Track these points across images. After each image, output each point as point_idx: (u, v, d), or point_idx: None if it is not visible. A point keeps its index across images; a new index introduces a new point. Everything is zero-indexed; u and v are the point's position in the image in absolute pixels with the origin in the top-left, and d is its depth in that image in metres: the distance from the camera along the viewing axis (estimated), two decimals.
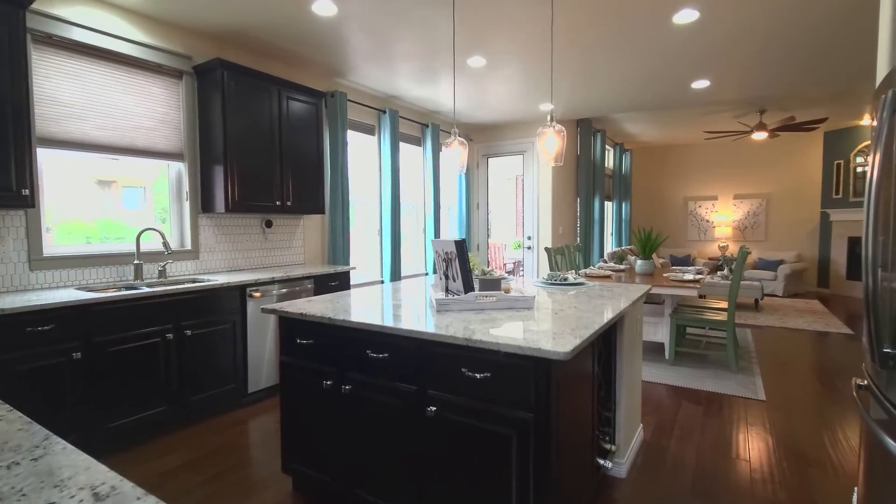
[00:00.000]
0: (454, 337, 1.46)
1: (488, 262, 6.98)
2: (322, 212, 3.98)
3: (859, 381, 1.72)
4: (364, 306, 1.98)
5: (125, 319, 2.47)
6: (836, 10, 3.09)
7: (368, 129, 4.96)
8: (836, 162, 7.84)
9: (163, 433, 2.69)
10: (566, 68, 4.20)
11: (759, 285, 6.43)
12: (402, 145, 5.39)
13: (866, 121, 7.25)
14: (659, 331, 4.03)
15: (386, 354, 1.66)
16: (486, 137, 6.62)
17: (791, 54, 3.89)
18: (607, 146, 8.09)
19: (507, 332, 1.48)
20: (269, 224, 3.83)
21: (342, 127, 4.34)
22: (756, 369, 3.73)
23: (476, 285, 2.10)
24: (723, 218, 8.94)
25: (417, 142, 5.66)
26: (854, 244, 7.65)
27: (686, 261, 8.78)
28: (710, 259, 8.80)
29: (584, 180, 6.80)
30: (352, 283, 4.65)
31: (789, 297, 7.61)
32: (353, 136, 4.79)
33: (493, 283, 2.02)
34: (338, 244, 4.34)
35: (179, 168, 3.33)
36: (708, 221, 9.13)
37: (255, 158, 3.40)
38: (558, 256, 4.44)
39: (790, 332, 5.11)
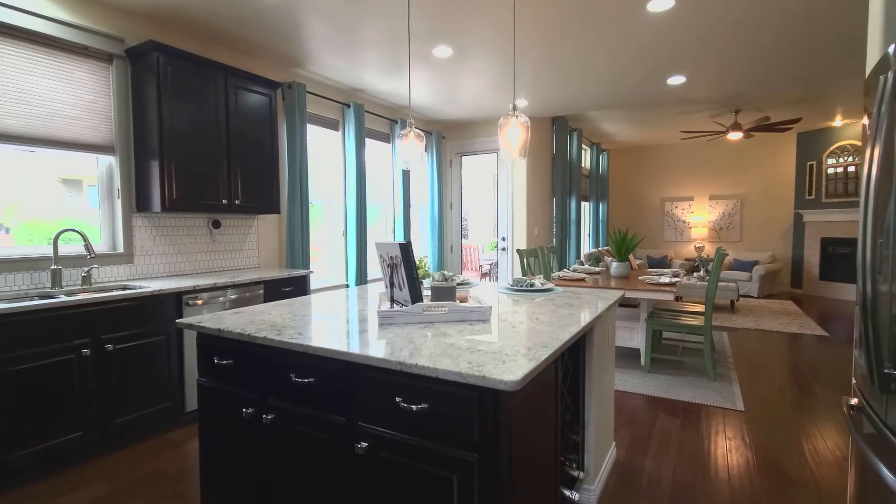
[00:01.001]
0: (386, 360, 1.22)
1: (462, 264, 6.76)
2: (276, 211, 3.68)
3: (851, 401, 1.54)
4: (302, 318, 1.71)
5: (28, 335, 2.14)
6: (811, 4, 2.96)
7: (332, 124, 4.67)
8: (808, 163, 7.88)
9: (79, 462, 2.37)
10: (537, 61, 4.00)
11: (735, 286, 6.37)
12: (369, 141, 5.12)
13: (838, 122, 7.30)
14: (634, 336, 3.86)
15: (311, 379, 1.40)
16: (458, 135, 6.40)
17: (766, 49, 3.77)
18: (584, 145, 7.96)
19: (452, 353, 1.24)
20: (216, 224, 3.51)
21: (301, 120, 4.05)
22: (733, 376, 3.59)
23: (429, 294, 1.85)
24: (699, 219, 8.92)
25: (386, 138, 5.40)
26: (826, 245, 7.69)
27: (663, 262, 8.73)
28: (686, 260, 8.77)
29: (560, 180, 6.64)
30: (314, 287, 4.36)
31: (764, 297, 7.60)
32: (315, 131, 4.51)
33: (446, 292, 1.78)
34: (296, 246, 4.05)
35: (110, 162, 3.00)
36: (684, 222, 9.11)
37: (197, 152, 3.09)
38: (531, 259, 4.24)
39: (766, 334, 5.03)
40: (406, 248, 1.63)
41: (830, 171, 7.57)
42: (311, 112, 4.39)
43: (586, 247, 8.51)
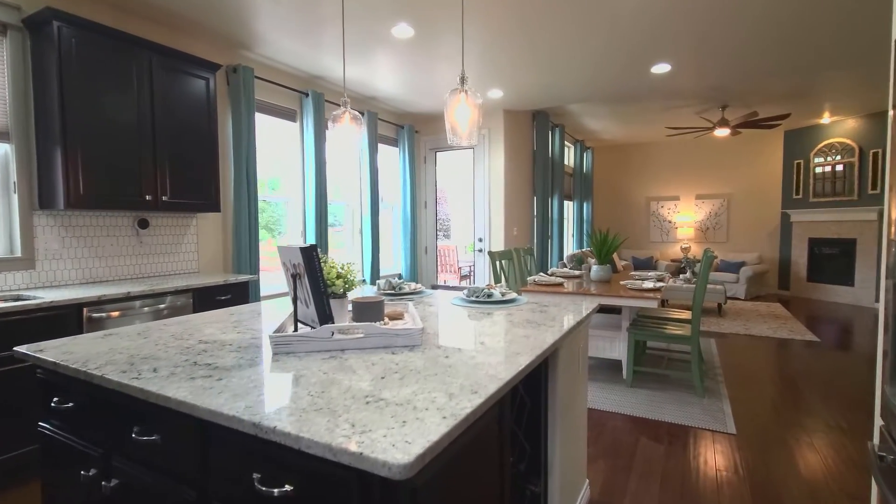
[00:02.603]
0: (237, 419, 0.84)
1: (438, 266, 6.38)
2: (216, 209, 3.27)
3: (879, 450, 1.19)
4: (179, 346, 1.32)
5: None
6: None
7: (289, 115, 4.27)
8: (795, 162, 7.67)
9: None
10: (509, 46, 3.64)
11: (723, 289, 6.10)
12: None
13: (826, 119, 7.08)
14: (615, 346, 3.52)
15: (157, 437, 1.01)
16: (433, 129, 6.02)
17: (752, 35, 3.47)
18: (567, 143, 7.65)
19: (339, 407, 0.87)
20: (143, 224, 3.09)
21: (248, 108, 3.64)
22: (723, 390, 3.27)
23: (351, 311, 1.48)
24: (685, 219, 8.67)
25: None
26: (814, 245, 7.48)
27: (648, 263, 8.46)
28: (672, 261, 8.51)
29: (542, 178, 6.30)
30: (270, 293, 3.97)
31: (751, 300, 7.36)
32: (270, 122, 4.10)
33: (370, 308, 1.41)
34: (243, 249, 3.64)
35: (5, 150, 2.56)
36: (670, 222, 8.86)
37: (113, 141, 2.67)
38: (504, 261, 3.88)
39: (755, 340, 4.74)
40: (309, 254, 1.26)
41: (818, 170, 7.36)
42: (264, 101, 3.99)
43: (570, 248, 8.20)
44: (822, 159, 7.32)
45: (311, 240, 4.33)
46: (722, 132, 6.22)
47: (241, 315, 1.78)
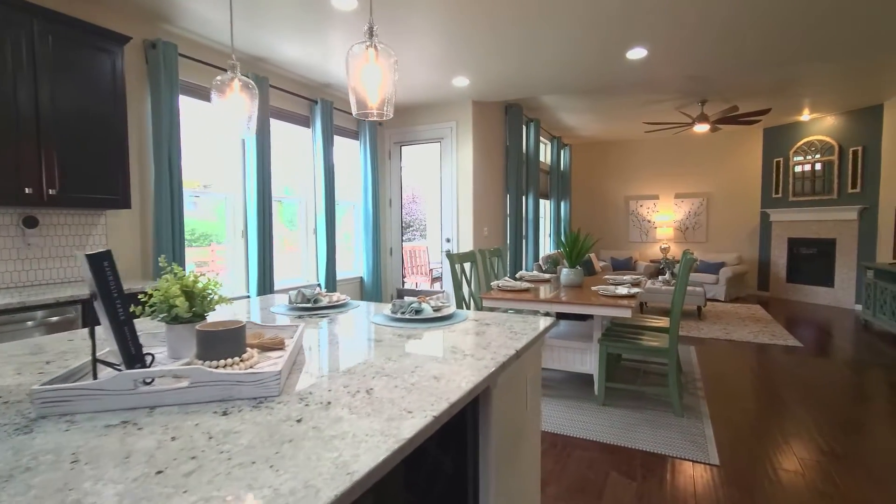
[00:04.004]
0: None
1: (404, 268, 5.96)
2: (125, 205, 2.81)
3: None
4: None
5: None
6: None
7: None
8: (775, 160, 7.49)
9: None
10: (469, 24, 3.26)
11: (702, 290, 5.84)
12: (279, 124, 4.28)
13: (806, 116, 6.90)
14: (587, 359, 3.17)
15: None
16: (397, 121, 5.61)
17: (731, 15, 3.16)
18: (543, 139, 7.32)
19: None
20: (30, 223, 2.61)
21: (170, 90, 3.18)
22: (703, 408, 2.94)
23: (192, 342, 1.06)
24: (664, 218, 8.44)
25: (303, 121, 4.56)
26: (793, 245, 7.31)
27: (628, 264, 8.20)
28: (652, 261, 8.27)
29: (514, 174, 5.95)
30: None
31: (731, 301, 7.15)
32: (206, 109, 3.64)
33: (218, 340, 0.99)
34: (165, 251, 3.17)
35: None
36: (649, 222, 8.61)
37: None
38: (465, 264, 3.49)
39: (736, 346, 4.46)
40: (98, 264, 0.84)
41: (797, 168, 7.19)
42: (196, 83, 3.52)
43: (546, 249, 7.88)
44: (801, 157, 7.14)
45: (254, 241, 3.88)
46: (701, 128, 5.96)
47: (83, 341, 1.35)
